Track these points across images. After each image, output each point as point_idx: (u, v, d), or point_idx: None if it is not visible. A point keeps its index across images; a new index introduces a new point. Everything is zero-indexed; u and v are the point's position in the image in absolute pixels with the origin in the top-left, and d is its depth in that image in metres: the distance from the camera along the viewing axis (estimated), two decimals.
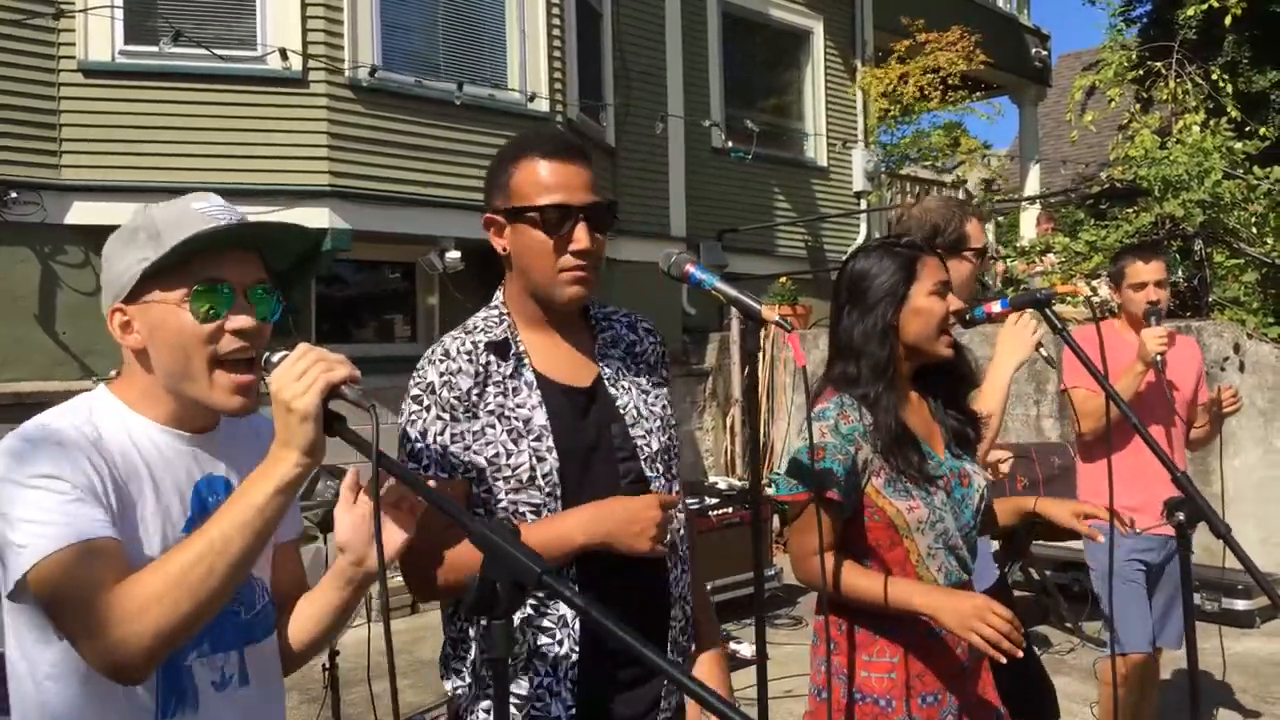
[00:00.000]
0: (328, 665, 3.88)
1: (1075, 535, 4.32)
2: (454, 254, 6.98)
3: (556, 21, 7.52)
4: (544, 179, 1.70)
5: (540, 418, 1.70)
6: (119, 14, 6.15)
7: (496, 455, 1.68)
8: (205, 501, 1.45)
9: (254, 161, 6.15)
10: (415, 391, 1.71)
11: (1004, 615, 1.86)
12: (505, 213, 1.74)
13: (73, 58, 6.11)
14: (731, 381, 8.93)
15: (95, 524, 1.30)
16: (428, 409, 1.68)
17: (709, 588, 5.84)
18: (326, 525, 3.96)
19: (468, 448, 1.67)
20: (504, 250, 1.76)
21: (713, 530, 6.00)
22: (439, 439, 1.67)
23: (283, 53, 6.25)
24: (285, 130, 6.32)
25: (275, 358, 1.35)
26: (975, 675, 2.13)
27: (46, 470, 1.30)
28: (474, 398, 1.69)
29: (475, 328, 1.76)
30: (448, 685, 1.76)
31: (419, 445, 1.67)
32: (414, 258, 7.37)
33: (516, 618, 1.64)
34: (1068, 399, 3.70)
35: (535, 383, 1.73)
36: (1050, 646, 5.55)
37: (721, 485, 6.84)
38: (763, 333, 1.72)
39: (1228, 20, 10.45)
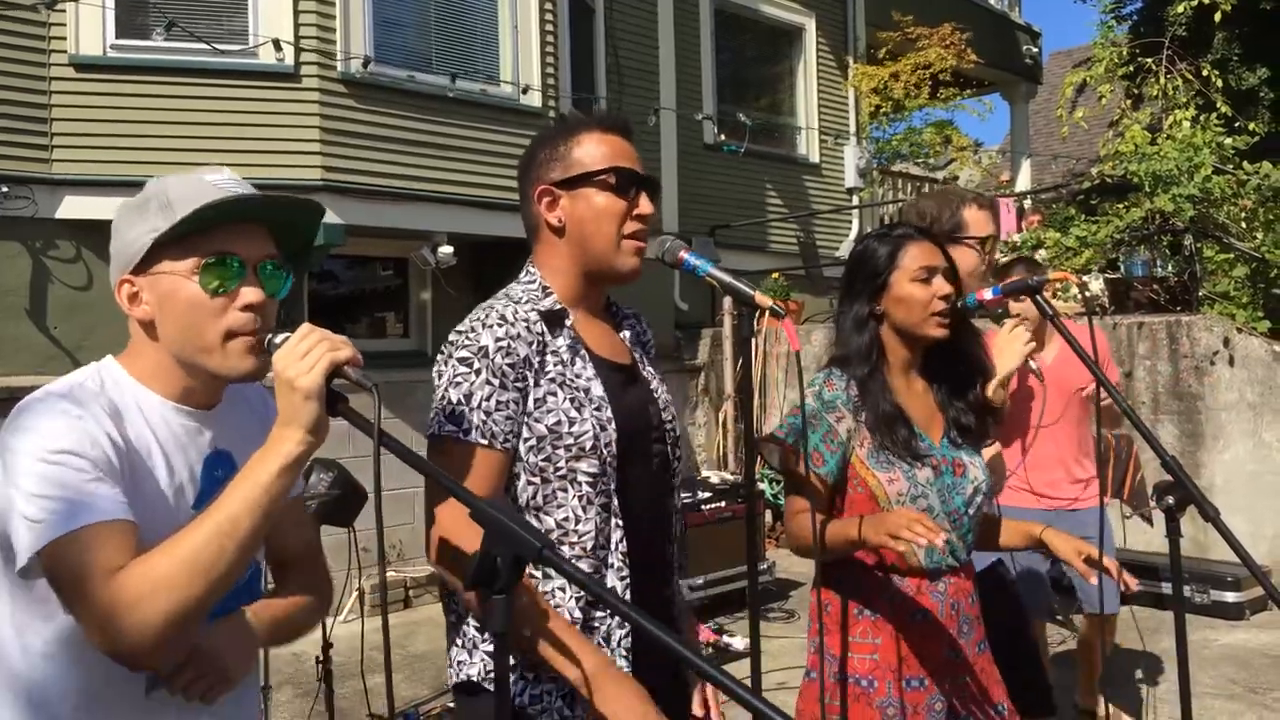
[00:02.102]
0: (321, 659, 3.88)
1: None
2: (447, 249, 6.96)
3: (549, 17, 7.52)
4: (608, 149, 1.78)
5: (598, 389, 1.74)
6: (110, 8, 6.13)
7: (558, 423, 1.69)
8: (214, 477, 1.45)
9: (246, 156, 6.13)
10: (463, 354, 1.69)
11: (906, 512, 1.86)
12: (565, 182, 1.78)
13: (64, 52, 6.08)
14: (724, 377, 8.94)
15: (112, 505, 1.30)
16: (477, 373, 1.67)
17: (701, 581, 5.92)
18: (318, 518, 3.96)
19: (510, 417, 1.68)
20: (559, 222, 1.79)
21: (706, 524, 6.02)
22: (484, 404, 1.66)
23: (276, 44, 6.24)
24: (277, 125, 6.30)
25: (278, 339, 1.35)
26: (970, 664, 2.13)
27: (66, 446, 1.29)
28: (534, 364, 1.70)
29: (521, 298, 1.77)
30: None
31: (460, 409, 1.66)
32: (407, 253, 7.35)
33: (574, 599, 1.68)
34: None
35: (588, 355, 1.77)
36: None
37: (714, 480, 6.85)
38: (755, 326, 1.75)
39: (1217, 17, 10.49)
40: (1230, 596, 5.93)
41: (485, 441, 1.66)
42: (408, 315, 7.77)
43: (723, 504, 6.24)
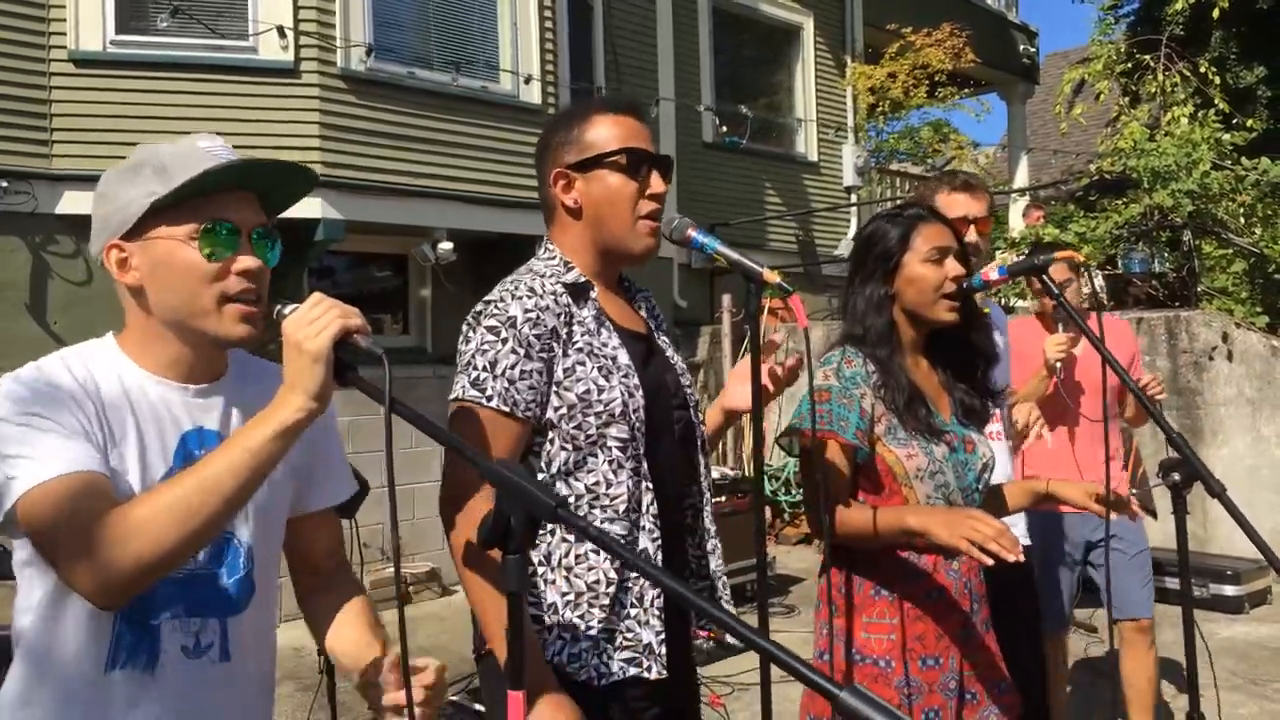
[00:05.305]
0: (323, 652, 3.86)
1: None
2: (446, 245, 6.96)
3: (548, 14, 7.53)
4: (620, 131, 1.81)
5: (624, 357, 1.78)
6: (110, 3, 6.13)
7: (588, 391, 1.73)
8: (191, 454, 1.44)
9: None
10: (491, 323, 1.72)
11: (991, 523, 1.83)
12: (579, 164, 1.81)
13: (63, 47, 6.08)
14: (723, 374, 8.94)
15: (84, 457, 1.31)
16: (504, 341, 1.70)
17: None
18: None
19: (533, 387, 1.70)
20: (575, 204, 1.82)
21: None
22: (508, 372, 1.69)
23: (280, 30, 6.23)
24: (278, 120, 6.31)
25: (288, 309, 1.35)
26: (979, 641, 2.13)
27: (38, 410, 1.31)
28: (562, 336, 1.73)
29: (544, 273, 1.79)
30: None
31: (484, 375, 1.69)
32: (407, 249, 7.35)
33: (608, 560, 1.70)
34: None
35: (612, 326, 1.80)
36: None
37: (715, 475, 6.84)
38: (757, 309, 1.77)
39: (1216, 14, 10.51)
40: (1229, 590, 5.95)
41: (506, 409, 1.68)
42: (407, 312, 7.76)
43: (723, 499, 6.23)
